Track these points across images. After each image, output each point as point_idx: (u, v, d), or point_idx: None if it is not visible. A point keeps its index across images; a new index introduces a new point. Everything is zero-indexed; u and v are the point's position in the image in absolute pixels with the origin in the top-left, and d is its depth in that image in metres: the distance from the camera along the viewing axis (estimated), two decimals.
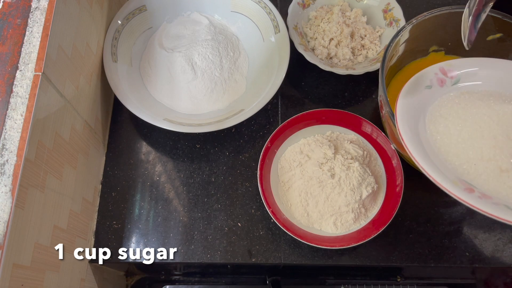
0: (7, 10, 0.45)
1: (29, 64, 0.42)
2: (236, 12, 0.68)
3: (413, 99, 0.50)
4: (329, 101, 0.67)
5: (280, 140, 0.60)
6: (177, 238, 0.58)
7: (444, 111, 0.50)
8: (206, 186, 0.61)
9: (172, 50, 0.64)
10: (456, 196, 0.42)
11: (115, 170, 0.61)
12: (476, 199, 0.42)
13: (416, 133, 0.48)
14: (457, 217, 0.60)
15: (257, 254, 0.57)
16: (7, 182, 0.38)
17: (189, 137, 0.63)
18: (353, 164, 0.56)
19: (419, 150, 0.46)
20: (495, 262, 0.58)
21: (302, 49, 0.65)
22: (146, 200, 0.60)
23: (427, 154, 0.46)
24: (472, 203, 0.41)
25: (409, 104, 0.50)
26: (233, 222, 0.59)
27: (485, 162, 0.45)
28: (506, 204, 0.42)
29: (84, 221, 0.55)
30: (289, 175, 0.58)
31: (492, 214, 0.41)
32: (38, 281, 0.42)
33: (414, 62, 0.65)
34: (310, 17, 0.71)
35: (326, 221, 0.56)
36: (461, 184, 0.44)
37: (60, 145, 0.47)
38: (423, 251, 0.58)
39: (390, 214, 0.55)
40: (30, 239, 0.41)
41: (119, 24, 0.63)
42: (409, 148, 0.46)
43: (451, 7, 0.57)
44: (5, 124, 0.40)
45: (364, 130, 0.61)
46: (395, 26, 0.68)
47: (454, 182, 0.43)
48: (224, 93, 0.64)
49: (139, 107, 0.58)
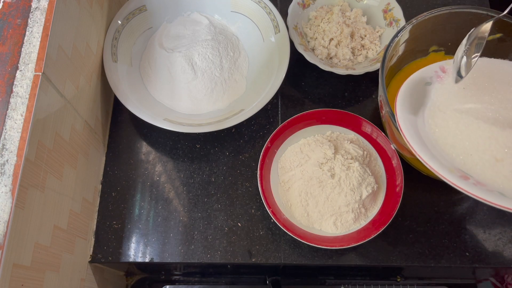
0: (7, 10, 0.45)
1: (29, 64, 0.42)
2: (236, 12, 0.68)
3: (412, 95, 0.52)
4: (329, 101, 0.67)
5: (280, 140, 0.60)
6: (177, 238, 0.58)
7: (442, 106, 0.51)
8: (206, 186, 0.61)
9: (172, 50, 0.64)
10: (451, 182, 0.44)
11: (115, 170, 0.61)
12: (471, 185, 0.43)
13: (414, 126, 0.49)
14: (457, 217, 0.60)
15: (257, 254, 0.57)
16: (7, 182, 0.38)
17: (189, 137, 0.63)
18: (353, 164, 0.56)
19: (416, 139, 0.47)
20: (495, 262, 0.58)
21: (302, 49, 0.65)
22: (146, 200, 0.60)
23: (424, 144, 0.48)
24: (467, 189, 0.43)
25: (409, 98, 0.51)
26: (233, 222, 0.59)
27: (480, 152, 0.47)
28: (500, 191, 0.44)
29: (84, 221, 0.55)
30: (289, 175, 0.58)
31: (486, 200, 0.42)
32: (38, 281, 0.42)
33: (414, 62, 0.65)
34: (310, 17, 0.71)
35: (326, 221, 0.56)
36: (457, 172, 0.45)
37: (60, 145, 0.47)
38: (423, 251, 0.58)
39: (390, 214, 0.55)
40: (30, 239, 0.41)
41: (119, 24, 0.63)
42: (406, 136, 0.47)
43: (451, 7, 0.57)
44: (5, 124, 0.40)
45: (364, 130, 0.61)
46: (395, 26, 0.68)
47: (450, 170, 0.45)
48: (224, 93, 0.64)
49: (139, 107, 0.58)
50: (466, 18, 0.57)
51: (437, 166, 0.45)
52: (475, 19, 0.56)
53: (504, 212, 0.61)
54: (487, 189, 0.44)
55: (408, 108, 0.50)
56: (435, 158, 0.46)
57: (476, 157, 0.47)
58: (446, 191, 0.61)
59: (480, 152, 0.47)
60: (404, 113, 0.49)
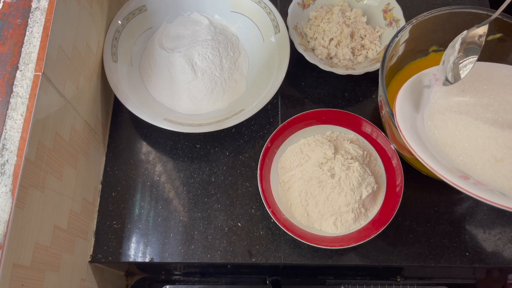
0: (7, 10, 0.45)
1: (29, 64, 0.42)
2: (236, 12, 0.68)
3: (412, 97, 0.52)
4: (329, 101, 0.67)
5: (280, 140, 0.60)
6: (177, 238, 0.58)
7: (441, 108, 0.51)
8: (206, 186, 0.61)
9: (172, 50, 0.64)
10: (452, 182, 0.44)
11: (115, 170, 0.61)
12: (471, 185, 0.43)
13: (414, 126, 0.50)
14: (457, 217, 0.60)
15: (257, 254, 0.57)
16: (7, 182, 0.38)
17: (189, 137, 0.63)
18: (353, 164, 0.56)
19: (416, 139, 0.48)
20: (495, 262, 0.58)
21: (302, 49, 0.65)
22: (146, 200, 0.60)
23: (424, 144, 0.48)
24: (467, 189, 0.43)
25: (408, 100, 0.51)
26: (233, 222, 0.59)
27: (480, 152, 0.47)
28: (500, 191, 0.44)
29: (84, 221, 0.55)
30: (289, 175, 0.58)
31: (487, 199, 0.42)
32: (38, 281, 0.42)
33: (414, 62, 0.65)
34: (310, 17, 0.71)
35: (326, 221, 0.56)
36: (457, 172, 0.45)
37: (60, 145, 0.47)
38: (423, 251, 0.58)
39: (390, 214, 0.55)
40: (30, 239, 0.41)
41: (119, 24, 0.63)
42: (405, 137, 0.48)
43: (451, 7, 0.57)
44: (5, 124, 0.40)
45: (364, 130, 0.61)
46: (395, 26, 0.68)
47: (450, 170, 0.45)
48: (224, 93, 0.64)
49: (139, 107, 0.58)
50: (466, 18, 0.57)
51: (436, 166, 0.45)
52: (475, 19, 0.56)
53: (504, 212, 0.61)
54: (488, 188, 0.44)
55: (408, 109, 0.51)
56: (434, 158, 0.46)
57: (476, 157, 0.47)
58: (446, 191, 0.61)
59: (480, 152, 0.47)
60: (403, 114, 0.50)
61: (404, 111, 0.50)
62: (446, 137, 0.49)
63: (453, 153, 0.48)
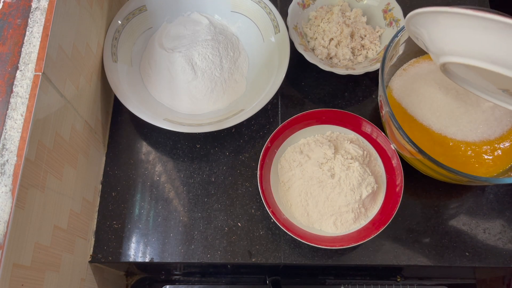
0: (7, 10, 0.45)
1: (29, 64, 0.42)
2: (236, 12, 0.68)
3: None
4: (329, 101, 0.67)
5: (280, 140, 0.60)
6: (177, 238, 0.58)
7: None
8: (206, 186, 0.61)
9: (172, 50, 0.64)
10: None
11: (115, 170, 0.61)
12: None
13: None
14: (457, 217, 0.60)
15: (257, 254, 0.57)
16: (7, 182, 0.38)
17: (189, 137, 0.63)
18: (353, 164, 0.56)
19: None
20: (495, 262, 0.58)
21: (302, 49, 0.65)
22: (146, 200, 0.60)
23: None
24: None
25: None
26: (233, 222, 0.59)
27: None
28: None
29: (84, 221, 0.55)
30: (289, 175, 0.58)
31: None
32: (38, 281, 0.42)
33: (414, 62, 0.65)
34: (310, 17, 0.71)
35: (326, 221, 0.56)
36: None
37: (60, 145, 0.47)
38: (423, 251, 0.58)
39: (390, 214, 0.55)
40: (30, 239, 0.41)
41: (119, 24, 0.63)
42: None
43: None
44: (5, 124, 0.40)
45: (364, 130, 0.61)
46: (395, 26, 0.68)
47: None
48: (224, 93, 0.64)
49: (139, 107, 0.58)
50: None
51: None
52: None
53: (504, 211, 0.61)
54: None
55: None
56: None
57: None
58: (446, 191, 0.61)
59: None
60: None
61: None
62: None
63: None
